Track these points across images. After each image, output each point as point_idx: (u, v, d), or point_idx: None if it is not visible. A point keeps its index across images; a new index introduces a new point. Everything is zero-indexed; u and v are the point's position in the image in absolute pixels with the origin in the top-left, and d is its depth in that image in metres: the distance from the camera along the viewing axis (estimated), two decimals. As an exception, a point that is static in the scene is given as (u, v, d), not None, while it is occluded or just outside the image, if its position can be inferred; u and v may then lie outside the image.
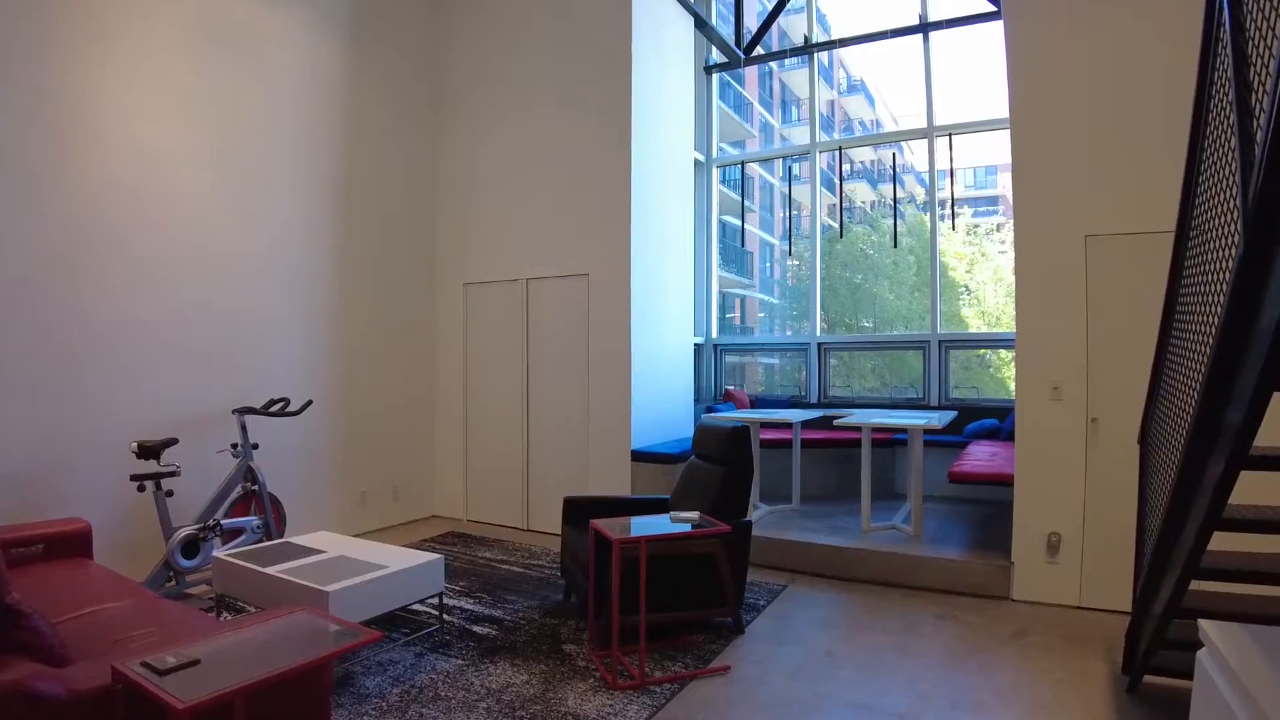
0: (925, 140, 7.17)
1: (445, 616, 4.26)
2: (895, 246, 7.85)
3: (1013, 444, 5.38)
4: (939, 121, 7.09)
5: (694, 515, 3.64)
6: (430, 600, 4.05)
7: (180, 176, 5.17)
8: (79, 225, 4.63)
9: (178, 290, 5.15)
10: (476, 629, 4.15)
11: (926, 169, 7.20)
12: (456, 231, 7.14)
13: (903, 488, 6.80)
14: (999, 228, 12.68)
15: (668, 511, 4.35)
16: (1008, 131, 4.59)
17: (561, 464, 6.45)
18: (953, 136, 7.01)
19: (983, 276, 11.31)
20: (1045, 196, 4.59)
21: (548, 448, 6.55)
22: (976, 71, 9.12)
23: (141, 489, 4.52)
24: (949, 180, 7.28)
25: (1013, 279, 4.71)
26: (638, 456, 6.04)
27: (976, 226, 12.51)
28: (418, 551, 4.10)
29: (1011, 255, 4.77)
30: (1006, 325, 10.41)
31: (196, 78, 5.28)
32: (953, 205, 7.27)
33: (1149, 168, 4.27)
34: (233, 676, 1.94)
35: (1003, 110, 6.69)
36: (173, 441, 4.71)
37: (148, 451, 4.51)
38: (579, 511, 4.59)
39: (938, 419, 5.61)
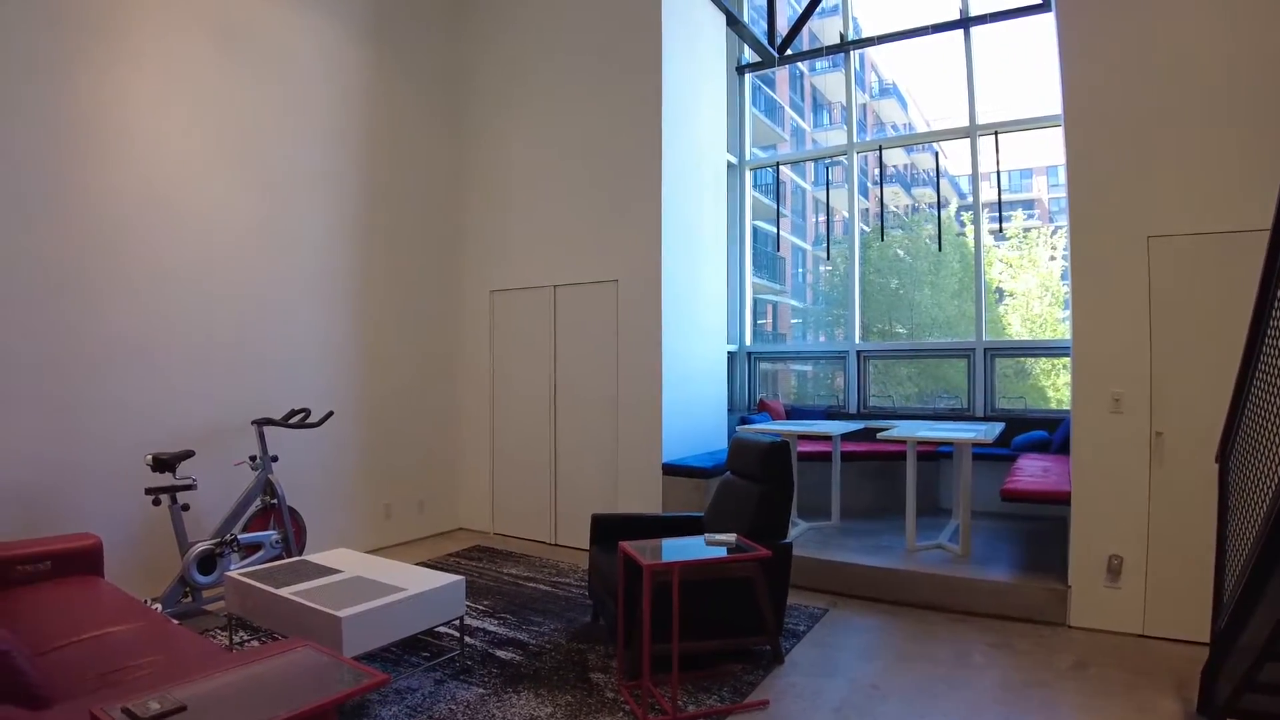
0: (966, 140, 6.88)
1: (467, 639, 4.06)
2: (940, 250, 7.55)
3: (1066, 458, 5.08)
4: (981, 120, 6.80)
5: (730, 538, 3.40)
6: (452, 622, 3.85)
7: (201, 185, 5.06)
8: (95, 234, 4.52)
9: (196, 298, 5.03)
10: (500, 654, 3.94)
11: (961, 172, 6.91)
12: (483, 237, 6.98)
13: (948, 503, 6.50)
14: (1028, 231, 12.34)
15: (701, 531, 4.13)
16: (1052, 129, 4.33)
17: (590, 477, 6.24)
18: (998, 135, 6.71)
19: (1028, 282, 10.95)
20: (1103, 196, 4.29)
21: (576, 460, 6.34)
22: (1019, 68, 8.79)
23: (157, 503, 4.37)
24: (991, 181, 6.99)
25: (1060, 283, 4.44)
26: (669, 470, 5.80)
27: (1027, 231, 12.15)
28: (438, 573, 3.90)
29: (1050, 258, 4.49)
30: (1052, 332, 10.05)
31: (220, 84, 5.17)
32: (1000, 207, 6.96)
33: (1217, 164, 3.98)
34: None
35: (1048, 107, 6.47)
36: (189, 454, 4.56)
37: (163, 464, 4.36)
38: (607, 531, 4.36)
39: (986, 431, 5.32)
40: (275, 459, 5.06)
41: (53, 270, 4.33)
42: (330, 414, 5.42)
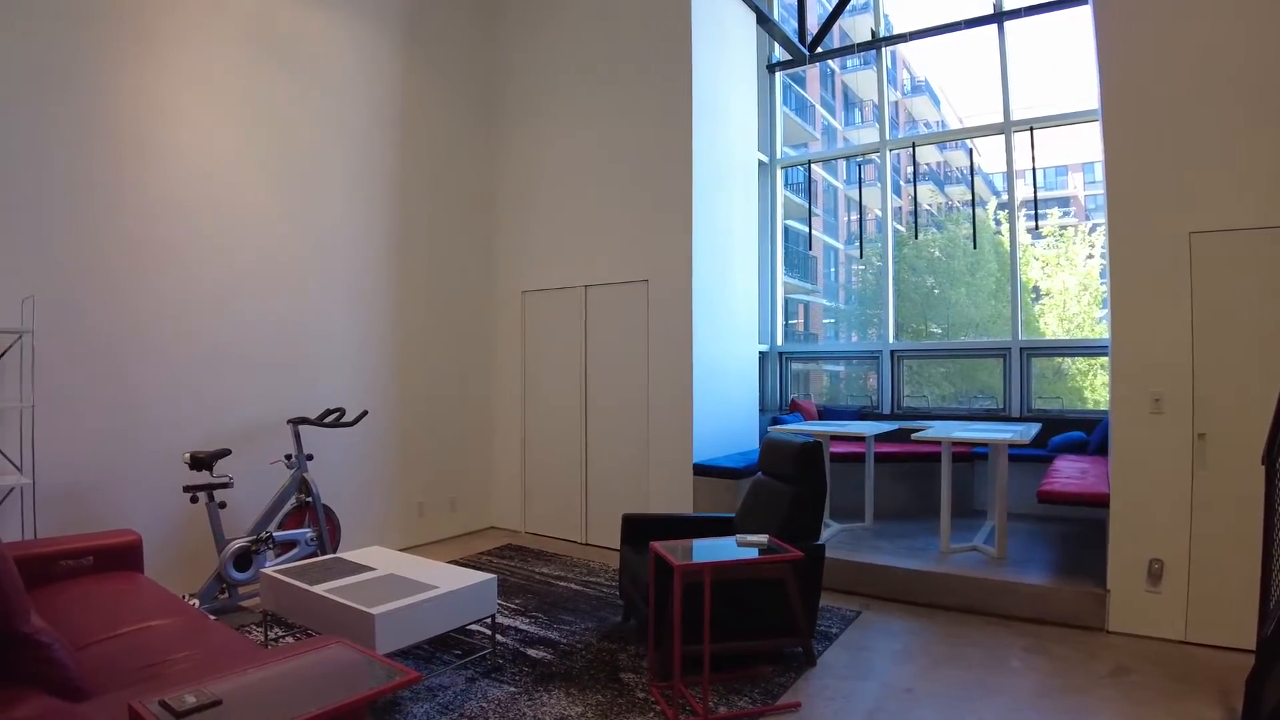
0: (1000, 136, 6.78)
1: (499, 638, 4.07)
2: (975, 248, 7.44)
3: (1104, 459, 4.98)
4: (1016, 116, 6.69)
5: (762, 539, 3.37)
6: (484, 620, 3.87)
7: (236, 186, 5.13)
8: (133, 235, 4.61)
9: (232, 299, 5.10)
10: (531, 652, 3.95)
11: (996, 169, 6.80)
12: (514, 238, 7.01)
13: (982, 505, 6.41)
14: (1064, 229, 12.11)
15: (732, 532, 4.10)
16: (1089, 124, 4.23)
17: (621, 477, 6.24)
18: (1033, 131, 6.60)
19: (1065, 280, 10.74)
20: (1143, 191, 4.19)
21: (607, 460, 6.35)
22: (1054, 62, 8.63)
23: (194, 500, 4.44)
24: (1026, 179, 6.88)
25: (1098, 282, 4.34)
26: (700, 470, 5.78)
27: (1064, 229, 11.93)
28: (470, 571, 3.92)
29: (1087, 256, 4.39)
30: (1090, 331, 9.86)
31: (253, 87, 5.25)
32: (1035, 204, 6.84)
33: (1262, 156, 3.88)
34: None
35: (1084, 102, 6.34)
36: (226, 452, 4.63)
37: (200, 462, 4.43)
38: (638, 530, 4.35)
39: (1022, 432, 5.23)
40: (310, 457, 5.12)
41: (95, 274, 4.43)
42: (364, 413, 5.48)
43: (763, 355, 7.81)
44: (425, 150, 6.51)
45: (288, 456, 5.05)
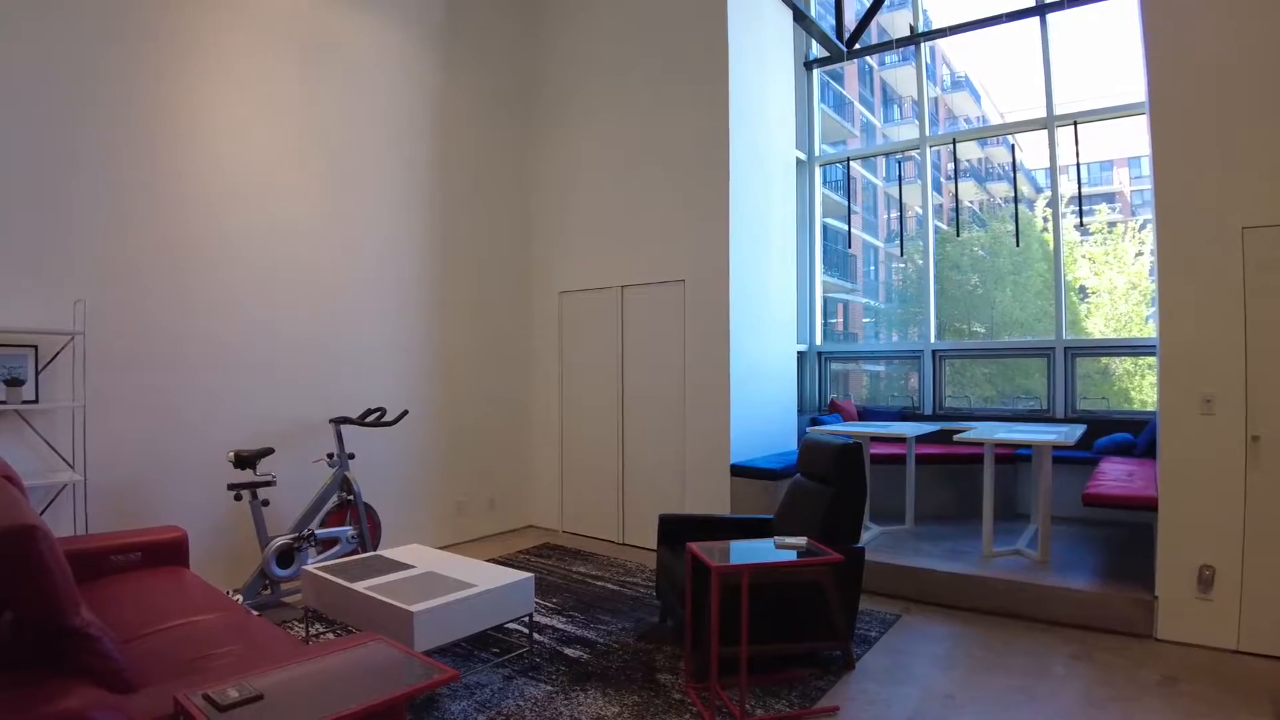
0: (1043, 131, 6.64)
1: (536, 636, 4.09)
2: (1018, 245, 7.29)
3: (1152, 461, 4.86)
4: (1059, 110, 6.55)
5: (800, 541, 3.34)
6: (521, 619, 3.88)
7: (279, 190, 5.22)
8: (181, 239, 4.71)
9: (277, 300, 5.19)
10: (568, 651, 3.96)
11: (1039, 165, 6.66)
12: (551, 239, 7.04)
13: (1025, 508, 6.28)
14: (1113, 226, 11.80)
15: (770, 533, 4.08)
16: (1135, 118, 4.11)
17: (658, 477, 6.23)
18: (1077, 125, 6.46)
19: (1113, 279, 10.47)
20: (1192, 186, 4.06)
21: (644, 460, 6.34)
22: (1098, 54, 8.44)
23: (238, 498, 4.53)
24: (1070, 175, 6.72)
25: (1148, 280, 4.22)
26: (737, 471, 5.75)
27: (1113, 225, 11.65)
28: (508, 569, 3.94)
29: (1136, 254, 4.27)
30: (1138, 331, 9.63)
31: (295, 92, 5.33)
32: (1079, 200, 6.69)
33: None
34: (293, 716, 1.79)
35: (1130, 94, 6.19)
36: (269, 451, 4.71)
37: (244, 461, 4.51)
38: (675, 531, 4.34)
39: (1067, 434, 5.12)
40: (352, 456, 5.18)
41: (144, 277, 4.54)
42: (405, 413, 5.53)
43: (801, 355, 7.75)
44: (463, 151, 6.57)
45: (330, 455, 5.12)
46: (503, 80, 6.97)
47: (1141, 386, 7.91)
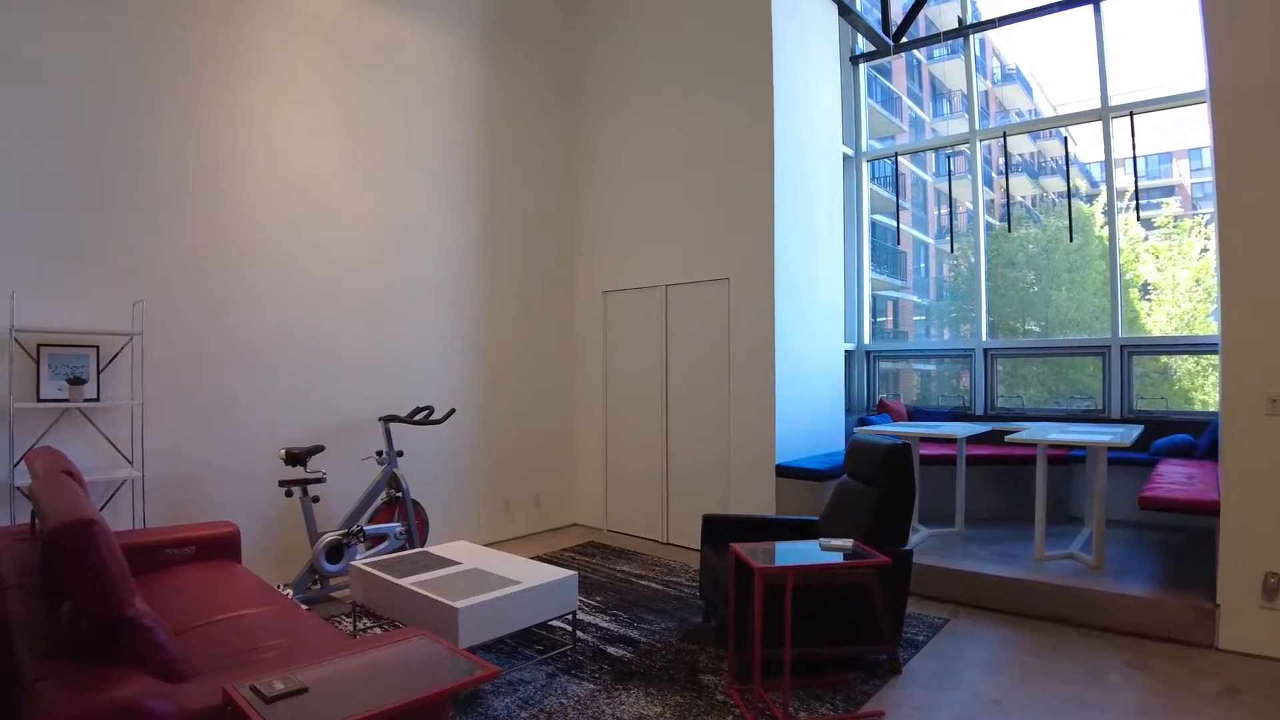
0: (1098, 123, 6.44)
1: (579, 635, 4.09)
2: (1071, 241, 7.10)
3: (1213, 464, 4.69)
4: (1114, 101, 6.35)
5: (847, 543, 3.28)
6: (565, 616, 3.89)
7: (329, 191, 5.31)
8: (233, 242, 4.83)
9: (327, 301, 5.28)
10: (611, 650, 3.95)
11: (1093, 158, 6.45)
12: (595, 238, 7.05)
13: (1079, 510, 6.11)
14: (1178, 220, 11.40)
15: (815, 534, 4.03)
16: (1195, 107, 3.95)
17: (702, 477, 6.20)
18: (1134, 116, 6.25)
19: (1177, 275, 10.11)
20: (1255, 177, 3.88)
21: (687, 459, 6.31)
22: (1155, 41, 8.17)
23: (289, 494, 4.61)
24: (1126, 168, 6.51)
25: (1210, 275, 4.07)
26: (783, 471, 5.69)
27: (1178, 219, 11.27)
28: (552, 567, 3.95)
29: (1202, 249, 4.12)
30: (1201, 329, 9.31)
31: (344, 95, 5.42)
32: (1136, 194, 6.49)
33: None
34: (337, 710, 1.81)
35: (1189, 83, 5.98)
36: (319, 448, 4.79)
37: (295, 458, 4.59)
38: (718, 531, 4.30)
39: (1123, 435, 4.96)
40: (400, 454, 5.25)
41: (198, 278, 4.66)
42: (452, 411, 5.59)
43: (849, 354, 7.65)
44: (508, 152, 6.61)
45: (379, 453, 5.20)
46: (545, 79, 7.00)
47: (1203, 386, 7.64)
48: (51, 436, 4.07)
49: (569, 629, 4.03)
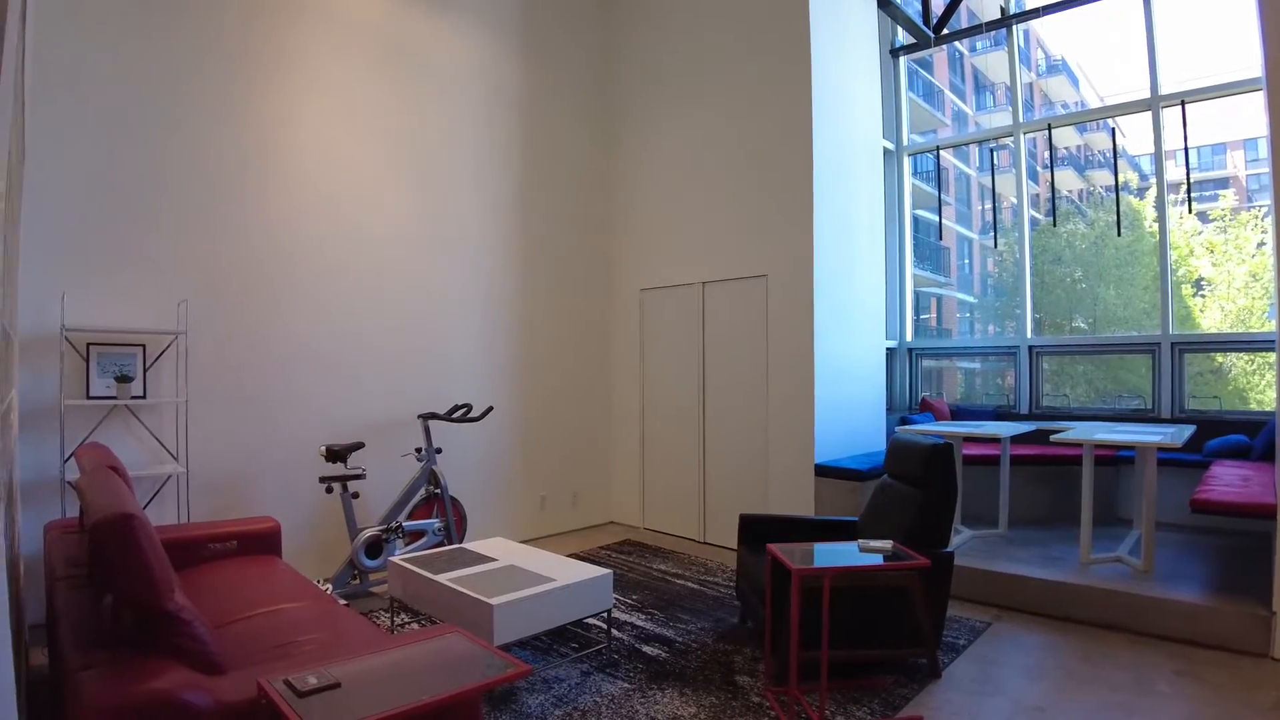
0: (1147, 113, 6.25)
1: (615, 633, 4.08)
2: (1119, 236, 6.90)
3: (1270, 466, 4.54)
4: (1164, 90, 6.15)
5: (886, 545, 3.22)
6: (600, 614, 3.88)
7: (369, 190, 5.37)
8: (274, 241, 4.90)
9: (367, 300, 5.34)
10: (646, 649, 3.94)
11: (1143, 150, 6.25)
12: (632, 235, 7.03)
13: (1127, 513, 5.95)
14: (1235, 212, 11.00)
15: (854, 536, 3.97)
16: (1250, 95, 3.80)
17: (740, 476, 6.15)
18: (1185, 105, 6.05)
19: (1230, 270, 9.78)
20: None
21: (725, 458, 6.27)
22: (1207, 28, 7.89)
23: (329, 490, 4.68)
24: (1178, 159, 6.31)
25: (1268, 270, 3.91)
26: (822, 471, 5.61)
27: (1235, 212, 10.90)
28: (588, 565, 3.94)
29: (1259, 244, 3.96)
30: (1256, 325, 9.00)
31: (383, 100, 5.48)
32: (1189, 186, 6.28)
33: None
34: (369, 705, 1.81)
35: (1245, 70, 5.76)
36: (359, 445, 4.85)
37: (335, 455, 4.65)
38: (755, 531, 4.25)
39: (1173, 435, 4.81)
40: (439, 451, 5.29)
41: (241, 279, 4.73)
42: (490, 409, 5.62)
43: (891, 352, 7.54)
44: (544, 150, 6.63)
45: (418, 450, 5.24)
46: (580, 76, 7.01)
47: (1259, 385, 7.38)
48: (100, 433, 4.17)
49: (604, 627, 4.02)
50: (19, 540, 3.17)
